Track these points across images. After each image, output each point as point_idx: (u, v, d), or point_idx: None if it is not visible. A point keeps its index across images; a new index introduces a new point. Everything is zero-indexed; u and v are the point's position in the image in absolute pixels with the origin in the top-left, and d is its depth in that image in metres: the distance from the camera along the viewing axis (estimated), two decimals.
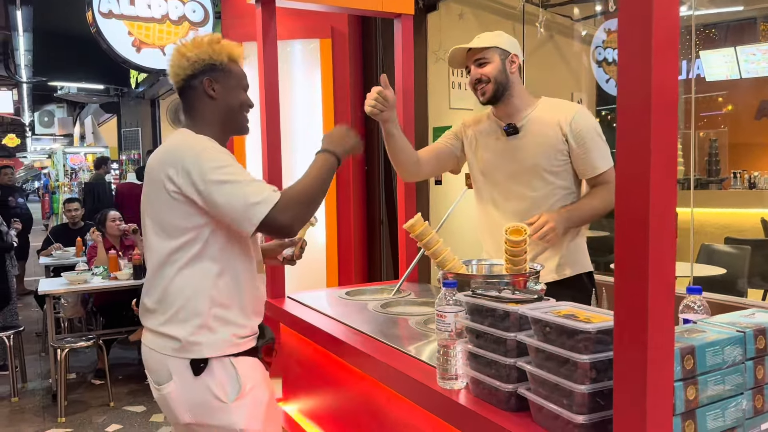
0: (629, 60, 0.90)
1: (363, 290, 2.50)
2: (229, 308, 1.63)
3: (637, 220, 0.88)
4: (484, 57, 2.15)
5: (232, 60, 1.74)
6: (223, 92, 1.71)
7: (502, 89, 2.15)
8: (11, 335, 4.61)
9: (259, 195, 1.51)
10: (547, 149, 2.12)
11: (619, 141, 0.92)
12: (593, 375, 1.03)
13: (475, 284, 1.50)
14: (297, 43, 4.12)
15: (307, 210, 1.59)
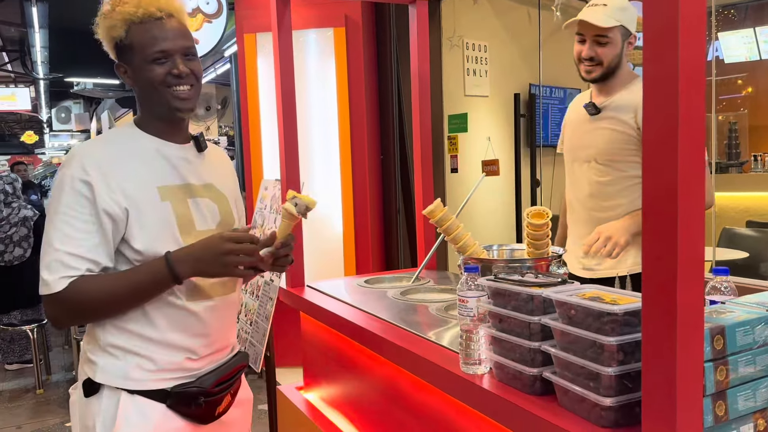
0: (655, 41, 0.88)
1: (382, 278, 2.50)
2: (124, 334, 1.37)
3: (665, 198, 0.86)
4: (607, 37, 2.01)
5: (137, 24, 1.36)
6: (134, 75, 1.40)
7: (610, 72, 2.05)
8: (35, 328, 4.69)
9: (50, 273, 1.28)
10: (619, 135, 2.04)
11: (646, 122, 0.90)
12: (620, 357, 1.02)
13: (497, 269, 1.49)
14: (311, 32, 4.11)
15: (84, 318, 1.38)
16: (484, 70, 4.86)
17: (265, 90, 4.21)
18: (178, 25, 1.41)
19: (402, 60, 4.24)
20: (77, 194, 1.31)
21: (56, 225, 1.30)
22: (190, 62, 1.41)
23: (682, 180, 0.85)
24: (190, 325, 1.42)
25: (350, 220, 4.22)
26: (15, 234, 5.09)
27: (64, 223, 1.30)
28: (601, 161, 2.10)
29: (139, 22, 1.36)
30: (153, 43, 1.36)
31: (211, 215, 1.48)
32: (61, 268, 1.27)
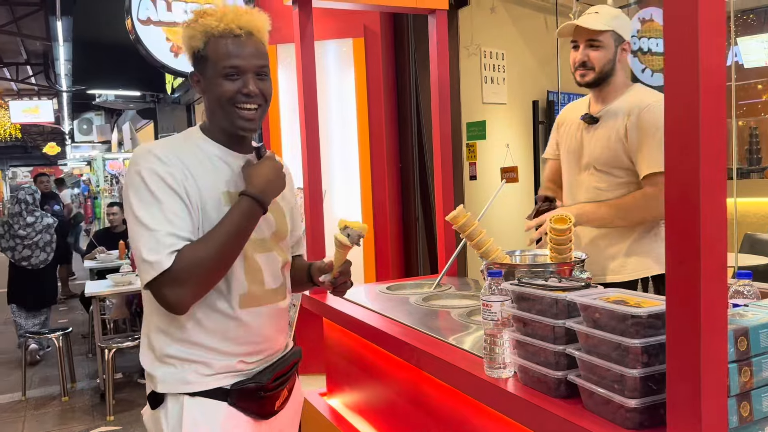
0: (675, 47, 0.90)
1: (403, 285, 2.53)
2: (180, 344, 1.41)
3: (687, 201, 0.88)
4: (599, 41, 2.05)
5: (215, 37, 1.40)
6: (206, 87, 1.43)
7: (604, 77, 2.08)
8: (60, 336, 4.77)
9: (154, 254, 1.28)
10: (614, 143, 2.07)
11: (668, 129, 0.92)
12: (645, 359, 1.03)
13: (520, 273, 1.51)
14: (331, 43, 4.16)
15: (206, 286, 1.34)
16: (502, 78, 4.88)
17: (285, 100, 4.26)
18: (256, 44, 1.43)
19: (420, 69, 4.27)
20: (159, 179, 1.33)
21: (145, 211, 1.31)
22: (261, 82, 1.43)
23: (705, 184, 0.86)
24: (241, 334, 1.44)
25: (370, 227, 4.24)
26: (40, 240, 5.59)
27: (152, 207, 1.31)
28: (599, 168, 2.13)
29: (218, 35, 1.39)
30: (227, 58, 1.39)
31: (267, 225, 1.50)
32: (162, 247, 1.28)
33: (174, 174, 1.35)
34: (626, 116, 2.04)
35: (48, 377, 5.20)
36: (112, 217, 6.34)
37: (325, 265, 1.60)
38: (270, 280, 1.50)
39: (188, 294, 1.31)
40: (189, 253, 1.30)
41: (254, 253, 1.47)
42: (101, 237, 6.45)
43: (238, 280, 1.43)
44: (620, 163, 2.06)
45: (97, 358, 4.71)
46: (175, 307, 1.32)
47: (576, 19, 2.08)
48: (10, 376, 5.25)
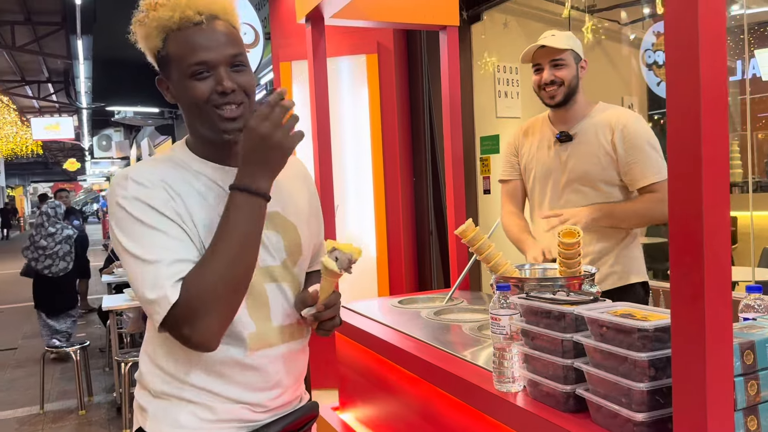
0: (676, 61, 0.91)
1: (415, 299, 2.53)
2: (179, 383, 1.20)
3: (690, 213, 0.88)
4: (562, 59, 2.12)
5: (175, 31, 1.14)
6: (176, 92, 1.19)
7: (571, 94, 2.14)
8: (77, 350, 4.82)
9: (157, 289, 1.07)
10: (598, 158, 2.11)
11: (670, 142, 0.93)
12: (652, 373, 1.03)
13: (529, 287, 1.52)
14: (344, 59, 4.20)
15: (225, 311, 1.10)
16: (516, 92, 4.89)
17: (300, 116, 4.30)
18: (224, 29, 1.17)
19: (433, 83, 4.30)
20: (142, 204, 1.12)
21: (135, 243, 1.10)
22: (238, 74, 1.17)
23: (707, 197, 0.87)
24: (253, 380, 1.23)
25: (383, 241, 4.27)
26: (60, 250, 6.00)
27: (143, 238, 1.10)
28: (583, 184, 2.15)
29: (176, 29, 1.14)
30: (192, 54, 1.13)
31: (275, 250, 1.27)
32: (164, 278, 1.07)
33: (158, 196, 1.13)
34: (610, 131, 2.09)
35: (66, 391, 5.25)
36: None
37: (309, 296, 1.28)
38: (280, 316, 1.27)
39: (210, 326, 1.08)
40: (195, 278, 1.08)
41: (261, 284, 1.24)
42: None
43: (242, 319, 1.20)
44: (607, 177, 2.11)
45: (114, 372, 4.74)
46: (201, 344, 1.09)
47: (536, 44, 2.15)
48: (28, 390, 5.30)
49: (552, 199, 2.28)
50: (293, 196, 1.35)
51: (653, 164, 2.04)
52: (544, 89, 2.15)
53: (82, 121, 17.41)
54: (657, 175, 2.03)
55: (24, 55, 12.15)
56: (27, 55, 12.05)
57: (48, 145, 22.55)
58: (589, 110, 2.18)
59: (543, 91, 2.16)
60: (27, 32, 10.77)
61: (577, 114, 2.17)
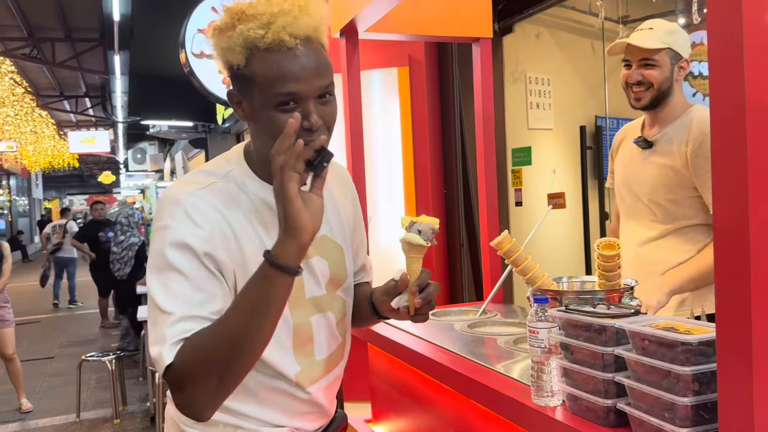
0: (720, 71, 0.91)
1: (448, 311, 2.53)
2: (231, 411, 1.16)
3: (735, 225, 0.87)
4: (654, 59, 1.90)
5: (254, 53, 1.03)
6: (251, 114, 1.09)
7: (661, 97, 1.93)
8: (113, 360, 4.90)
9: (158, 345, 1.00)
10: (668, 172, 1.92)
11: (714, 156, 0.92)
12: (696, 387, 1.01)
13: (567, 300, 1.50)
14: (376, 72, 4.23)
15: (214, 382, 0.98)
16: (548, 104, 4.87)
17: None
18: (317, 54, 1.06)
19: (465, 95, 4.30)
20: (182, 245, 1.04)
21: (158, 285, 1.04)
22: (325, 105, 1.08)
23: (753, 209, 0.86)
24: (302, 408, 1.22)
25: None
26: (125, 256, 6.70)
27: (169, 280, 1.03)
28: (653, 199, 1.98)
29: (264, 49, 1.03)
30: (281, 83, 1.03)
31: (322, 275, 1.22)
32: (168, 336, 0.99)
33: (203, 236, 1.06)
34: (686, 143, 1.88)
35: (101, 400, 5.34)
36: None
37: (393, 285, 1.23)
38: (325, 348, 1.24)
39: (201, 398, 0.99)
40: (195, 342, 0.99)
41: (307, 318, 1.20)
42: None
43: (287, 360, 1.18)
44: (678, 194, 1.91)
45: (148, 382, 4.81)
46: (189, 415, 1.01)
47: (629, 37, 1.93)
48: (65, 398, 5.41)
49: (627, 213, 2.12)
50: (340, 214, 1.31)
51: None
52: (630, 88, 1.95)
53: (118, 135, 17.79)
54: None
55: (63, 71, 12.50)
56: (66, 71, 12.39)
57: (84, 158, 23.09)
58: (681, 113, 1.94)
59: (630, 90, 1.96)
60: (67, 49, 11.09)
61: (668, 118, 1.95)
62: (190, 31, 4.74)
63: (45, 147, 17.57)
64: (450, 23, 2.70)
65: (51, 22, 9.89)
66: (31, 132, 15.59)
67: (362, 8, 2.30)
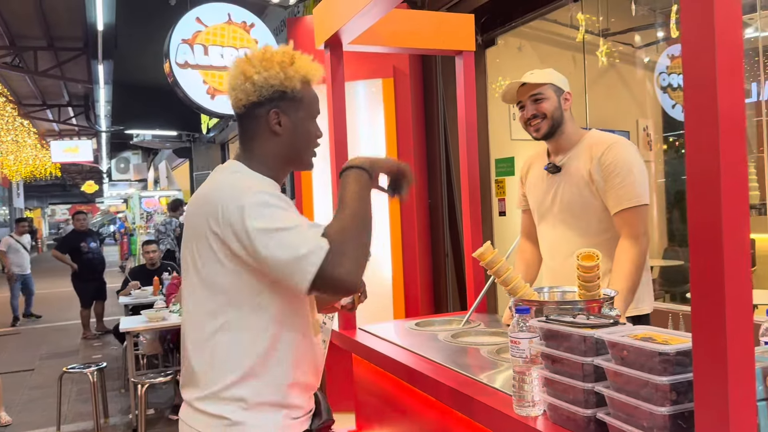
0: (694, 86, 0.93)
1: (432, 321, 2.53)
2: (280, 385, 1.39)
3: (710, 235, 0.89)
4: (541, 93, 2.18)
5: (306, 83, 1.47)
6: (291, 126, 1.46)
7: (556, 125, 2.18)
8: (95, 372, 4.84)
9: (308, 243, 1.26)
10: (580, 189, 2.14)
11: (689, 164, 0.94)
12: (674, 397, 1.03)
13: (548, 310, 1.52)
14: (360, 83, 4.25)
15: (363, 252, 1.32)
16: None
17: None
18: None
19: (449, 107, 4.34)
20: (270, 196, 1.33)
21: (275, 220, 1.30)
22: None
23: (727, 219, 0.88)
24: (317, 361, 1.51)
25: (399, 264, 4.27)
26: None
27: (282, 213, 1.31)
28: (572, 218, 2.18)
29: (312, 78, 1.49)
30: (316, 101, 1.51)
31: None
32: (311, 236, 1.27)
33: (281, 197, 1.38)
34: (589, 160, 2.12)
35: (82, 412, 5.27)
36: (152, 255, 6.48)
37: None
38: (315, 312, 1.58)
39: (355, 265, 1.29)
40: (333, 229, 1.30)
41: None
42: (137, 273, 6.58)
43: (309, 310, 1.49)
44: (591, 210, 2.13)
45: (130, 394, 4.76)
46: (349, 282, 1.28)
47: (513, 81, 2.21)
48: (45, 411, 5.33)
49: (545, 231, 2.32)
50: None
51: (629, 191, 2.02)
52: (529, 123, 2.20)
53: (101, 144, 17.66)
54: (628, 201, 2.02)
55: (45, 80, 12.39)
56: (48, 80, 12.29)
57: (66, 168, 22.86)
58: (580, 139, 2.21)
59: (529, 126, 2.21)
60: (49, 57, 11.00)
61: (566, 145, 2.21)
62: (174, 40, 4.73)
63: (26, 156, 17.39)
64: (433, 36, 2.72)
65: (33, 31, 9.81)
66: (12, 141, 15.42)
67: (346, 21, 2.32)
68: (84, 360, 6.85)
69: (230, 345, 1.36)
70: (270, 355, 1.38)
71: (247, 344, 1.37)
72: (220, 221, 1.32)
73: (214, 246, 1.34)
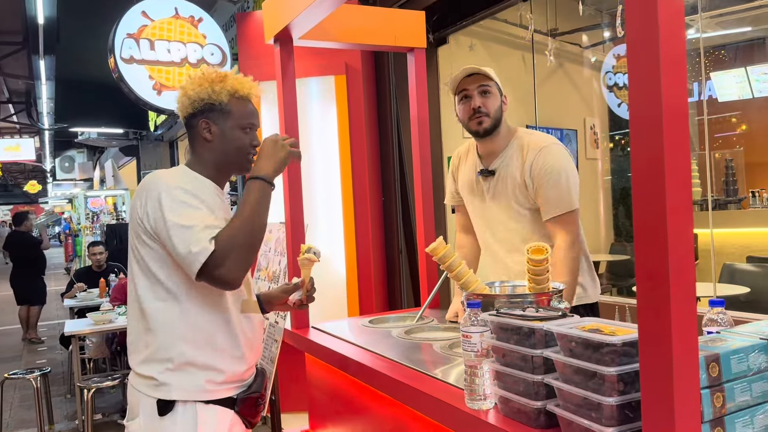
0: (638, 83, 0.94)
1: (386, 318, 2.53)
2: (201, 350, 1.57)
3: (655, 231, 0.91)
4: (489, 85, 2.14)
5: (237, 98, 1.68)
6: (220, 134, 1.66)
7: (496, 125, 2.16)
8: (38, 377, 4.67)
9: (198, 244, 1.47)
10: (516, 190, 2.16)
11: (634, 162, 0.95)
12: (621, 387, 1.04)
13: (499, 304, 1.53)
14: (313, 80, 4.22)
15: (246, 256, 1.51)
16: None
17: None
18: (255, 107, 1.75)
19: (401, 104, 4.34)
20: (186, 193, 1.54)
21: (179, 216, 1.49)
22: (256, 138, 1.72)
23: (671, 214, 0.89)
24: (250, 335, 1.68)
25: (353, 261, 4.26)
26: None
27: (185, 210, 1.50)
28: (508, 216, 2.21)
29: (239, 97, 1.68)
30: (248, 116, 1.68)
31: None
32: (203, 237, 1.47)
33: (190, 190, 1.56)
34: (521, 165, 2.13)
35: (25, 420, 5.08)
36: (98, 256, 6.29)
37: (291, 286, 1.91)
38: (252, 293, 1.78)
39: (236, 267, 1.48)
40: (225, 234, 1.49)
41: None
42: (82, 275, 6.38)
43: (240, 289, 1.65)
44: (525, 214, 2.17)
45: (76, 399, 4.61)
46: (230, 281, 1.49)
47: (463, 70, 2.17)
48: None
49: (481, 229, 2.34)
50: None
51: (559, 197, 2.06)
52: (473, 116, 2.14)
53: (44, 143, 17.07)
54: (557, 209, 2.05)
55: None
56: None
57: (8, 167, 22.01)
58: (508, 142, 2.20)
59: (472, 120, 2.15)
60: None
61: (499, 146, 2.20)
62: (119, 35, 4.59)
63: None
64: (384, 32, 2.72)
65: None
66: None
67: (296, 15, 2.28)
68: (27, 365, 6.60)
69: (161, 312, 1.56)
70: (196, 321, 1.57)
71: (177, 312, 1.56)
72: (146, 207, 1.54)
73: (139, 228, 1.56)
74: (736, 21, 5.80)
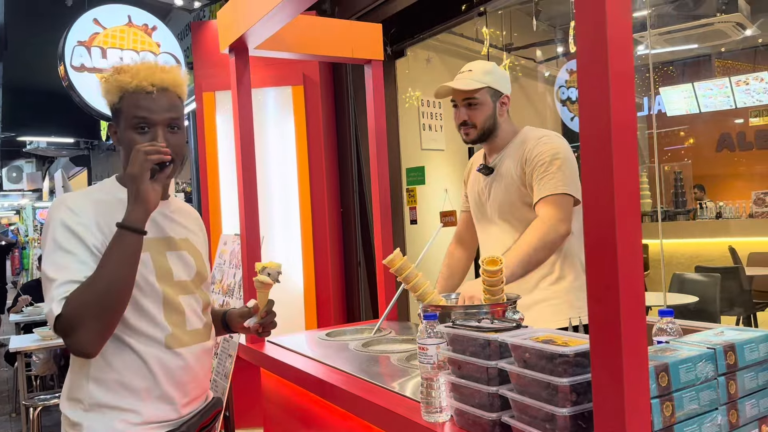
0: (588, 98, 0.96)
1: (343, 331, 2.51)
2: (112, 391, 1.43)
3: (604, 241, 0.92)
4: (476, 99, 2.09)
5: (130, 92, 1.45)
6: (119, 139, 1.51)
7: (487, 133, 2.13)
8: None
9: (49, 303, 1.32)
10: (516, 186, 2.13)
11: (584, 174, 0.97)
12: (574, 398, 1.05)
13: (455, 315, 1.53)
14: (270, 90, 4.19)
15: (99, 323, 1.32)
16: (440, 125, 5.02)
17: (224, 146, 4.24)
18: (170, 98, 1.49)
19: (360, 116, 4.34)
20: (66, 230, 1.38)
21: (49, 263, 1.36)
22: (172, 134, 1.48)
23: (620, 226, 0.91)
24: (179, 373, 1.49)
25: (311, 273, 4.22)
26: None
27: (56, 257, 1.36)
28: (502, 218, 2.17)
29: (131, 91, 1.45)
30: (137, 112, 1.45)
31: (189, 266, 1.58)
32: (56, 296, 1.31)
33: (82, 222, 1.40)
34: (519, 158, 2.10)
35: None
36: None
37: (247, 310, 1.70)
38: (194, 320, 1.56)
39: (86, 336, 1.31)
40: (75, 296, 1.31)
41: (177, 296, 1.51)
42: (31, 289, 6.16)
43: (160, 324, 1.47)
44: (520, 211, 2.10)
45: (22, 418, 4.44)
46: (79, 352, 1.34)
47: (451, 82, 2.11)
48: None
49: (482, 231, 2.31)
50: (195, 232, 1.66)
51: (550, 179, 1.97)
52: (461, 128, 2.16)
53: None
54: (546, 190, 1.97)
55: None
56: None
57: None
58: (510, 140, 2.17)
59: (460, 130, 2.17)
60: None
61: (500, 145, 2.18)
62: (69, 42, 4.47)
63: None
64: (341, 44, 2.71)
65: None
66: None
67: (251, 25, 2.26)
68: None
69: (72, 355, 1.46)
70: (109, 361, 1.43)
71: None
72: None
73: None
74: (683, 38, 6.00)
